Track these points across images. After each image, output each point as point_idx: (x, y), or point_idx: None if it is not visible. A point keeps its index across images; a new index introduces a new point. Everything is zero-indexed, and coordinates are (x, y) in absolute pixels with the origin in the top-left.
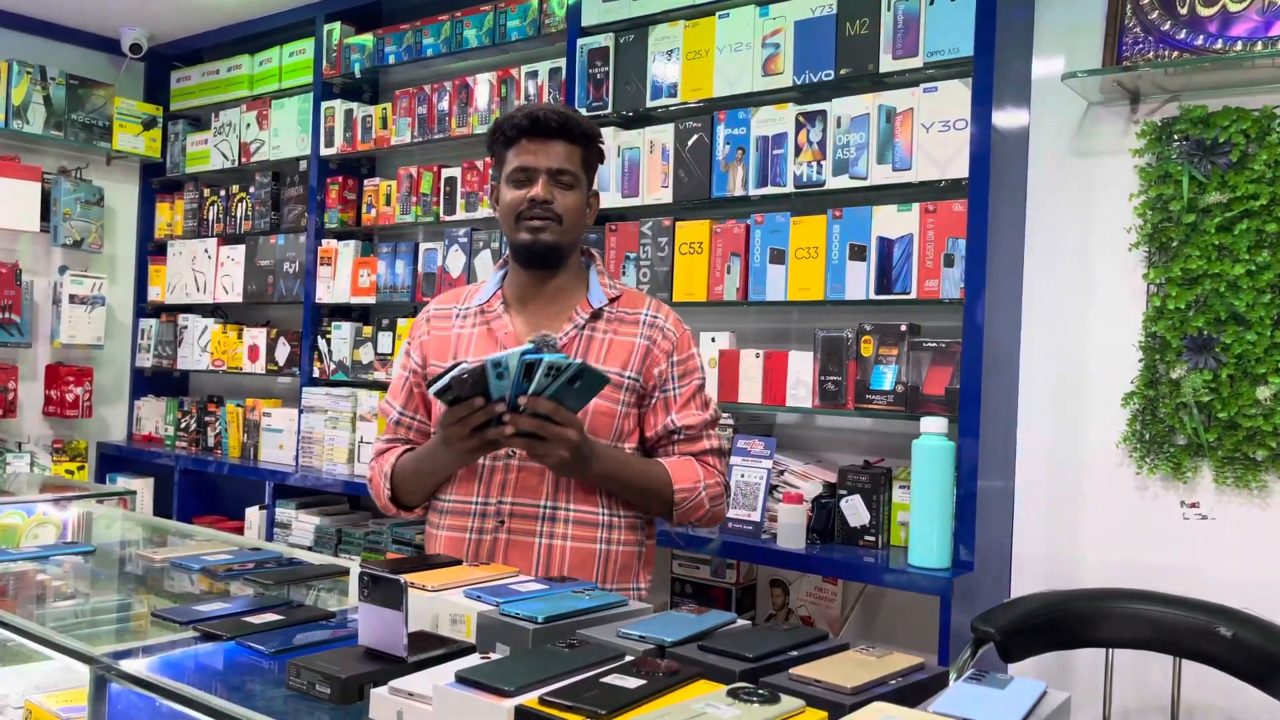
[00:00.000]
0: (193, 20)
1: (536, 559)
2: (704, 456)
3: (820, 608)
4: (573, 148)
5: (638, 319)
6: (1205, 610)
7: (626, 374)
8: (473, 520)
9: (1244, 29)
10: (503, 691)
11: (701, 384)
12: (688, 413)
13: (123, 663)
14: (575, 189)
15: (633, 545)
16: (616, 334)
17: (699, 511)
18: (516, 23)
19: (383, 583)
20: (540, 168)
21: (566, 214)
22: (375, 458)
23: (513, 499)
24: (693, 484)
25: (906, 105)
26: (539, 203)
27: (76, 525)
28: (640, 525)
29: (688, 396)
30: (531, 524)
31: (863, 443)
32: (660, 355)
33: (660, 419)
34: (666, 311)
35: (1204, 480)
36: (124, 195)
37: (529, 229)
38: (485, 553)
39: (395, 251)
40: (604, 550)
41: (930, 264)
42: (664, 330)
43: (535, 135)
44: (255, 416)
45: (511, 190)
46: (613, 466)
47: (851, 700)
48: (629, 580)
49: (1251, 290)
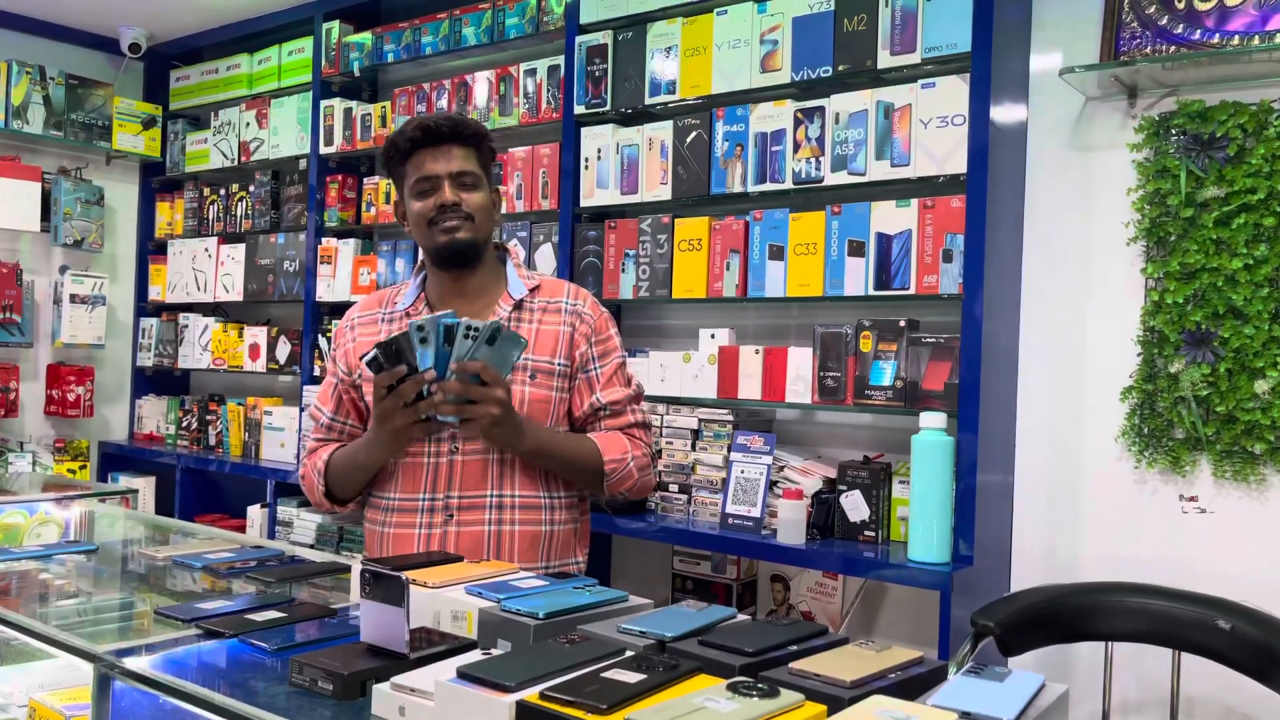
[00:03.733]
0: (192, 19)
1: (486, 545)
2: (630, 430)
3: (821, 603)
4: (467, 150)
5: (560, 307)
6: (1204, 603)
7: (556, 361)
8: (421, 516)
9: (1241, 23)
10: (504, 687)
11: (622, 362)
12: (611, 389)
13: (126, 660)
14: (479, 188)
15: (570, 523)
16: (542, 323)
17: (628, 481)
18: (515, 20)
19: (384, 580)
20: (441, 173)
21: (477, 212)
22: (308, 455)
23: (460, 492)
24: (621, 454)
25: (905, 101)
26: (449, 206)
27: (79, 524)
28: (575, 503)
29: (609, 374)
30: (479, 513)
31: (862, 438)
32: (580, 339)
33: (585, 398)
34: (584, 296)
35: (1202, 474)
36: (124, 195)
37: (444, 230)
38: (437, 544)
39: (395, 249)
40: (548, 531)
41: (929, 259)
42: (582, 315)
43: (429, 144)
44: (256, 415)
45: (418, 201)
46: (546, 441)
47: (851, 694)
48: (569, 555)
49: (1249, 284)
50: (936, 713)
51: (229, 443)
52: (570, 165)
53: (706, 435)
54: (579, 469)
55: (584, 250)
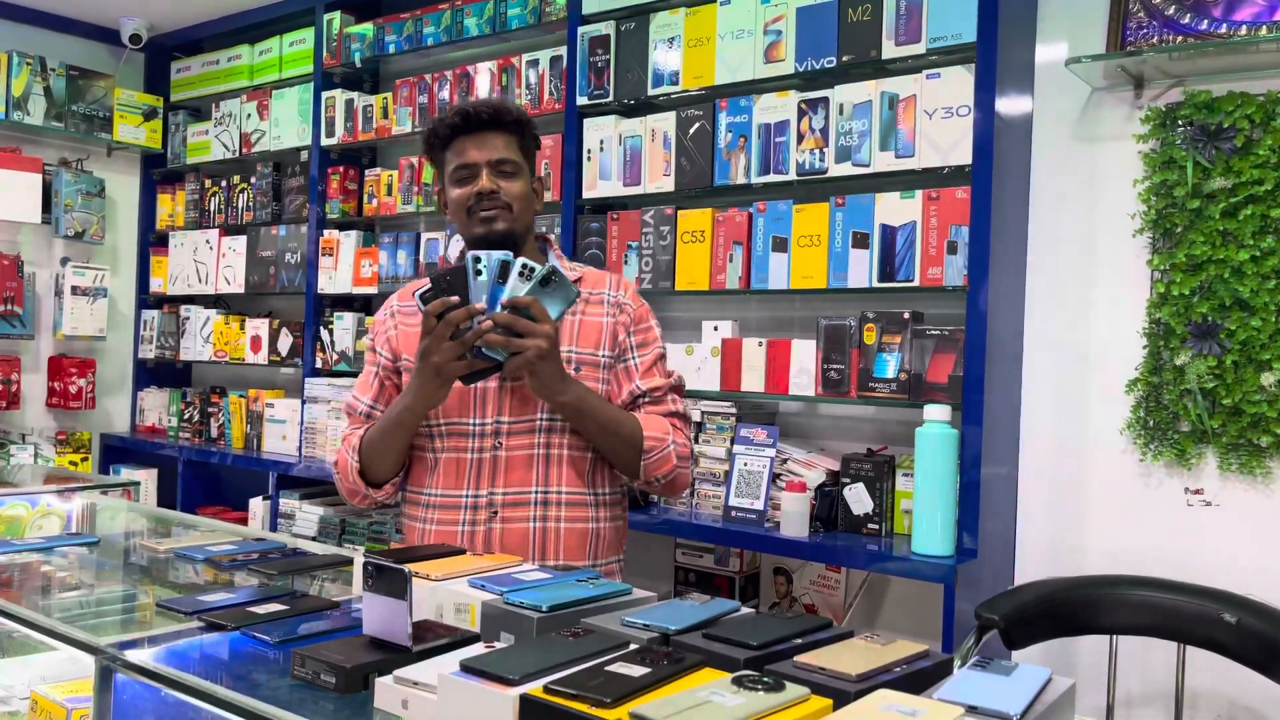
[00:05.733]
0: (192, 10)
1: (531, 543)
2: (670, 418)
3: (824, 596)
4: (509, 137)
5: (602, 299)
6: (1209, 596)
7: (600, 353)
8: (464, 513)
9: (1248, 13)
10: (508, 680)
11: (662, 354)
12: (650, 378)
13: (128, 653)
14: (518, 176)
15: (613, 520)
16: (586, 315)
17: (666, 465)
18: (517, 11)
19: (387, 572)
20: (480, 161)
21: (515, 201)
22: (342, 442)
23: (504, 489)
24: (662, 434)
25: (909, 92)
26: (486, 194)
27: (80, 517)
28: (618, 500)
29: (649, 364)
30: (524, 510)
31: (866, 431)
32: (620, 329)
33: (625, 385)
34: (626, 285)
35: (1208, 467)
36: (125, 186)
37: (481, 220)
38: (480, 542)
39: (397, 241)
40: (595, 529)
41: (933, 251)
42: (623, 305)
43: (470, 131)
44: (258, 407)
45: (457, 188)
46: (587, 398)
47: (856, 688)
48: (613, 554)
49: (1256, 276)
50: (943, 707)
51: (231, 435)
52: (573, 156)
53: (709, 428)
54: (618, 438)
55: (586, 242)
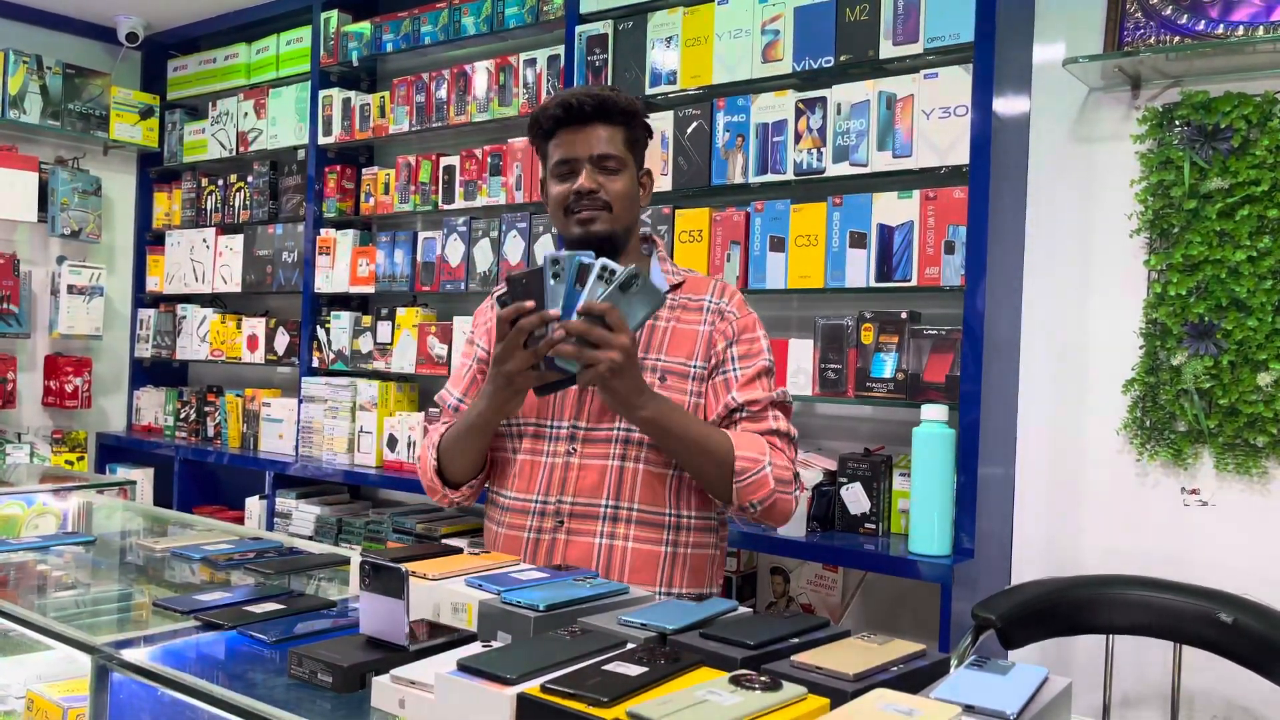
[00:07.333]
0: (189, 8)
1: (596, 560)
2: (769, 436)
3: (821, 595)
4: (613, 130)
5: (702, 305)
6: (1206, 596)
7: (692, 364)
8: (531, 519)
9: (1245, 14)
10: (505, 679)
11: (768, 368)
12: (750, 390)
13: (124, 652)
14: (622, 173)
15: (705, 548)
16: (680, 322)
17: (762, 490)
18: (515, 10)
19: (384, 572)
20: (581, 156)
21: (616, 200)
22: (424, 437)
23: (573, 498)
24: (757, 454)
25: (907, 92)
26: (585, 194)
27: (76, 516)
28: (714, 527)
29: (750, 377)
30: (592, 524)
31: (863, 430)
32: (719, 337)
33: (721, 397)
34: (731, 293)
35: (1205, 467)
36: (121, 185)
37: (579, 221)
38: (544, 552)
39: (394, 241)
40: (669, 553)
41: (931, 251)
42: (724, 313)
43: (572, 123)
44: (255, 406)
45: (557, 184)
46: (668, 413)
47: (853, 687)
48: (700, 585)
49: (1253, 276)
50: (940, 706)
51: (227, 434)
52: None
53: None
54: (705, 459)
55: None
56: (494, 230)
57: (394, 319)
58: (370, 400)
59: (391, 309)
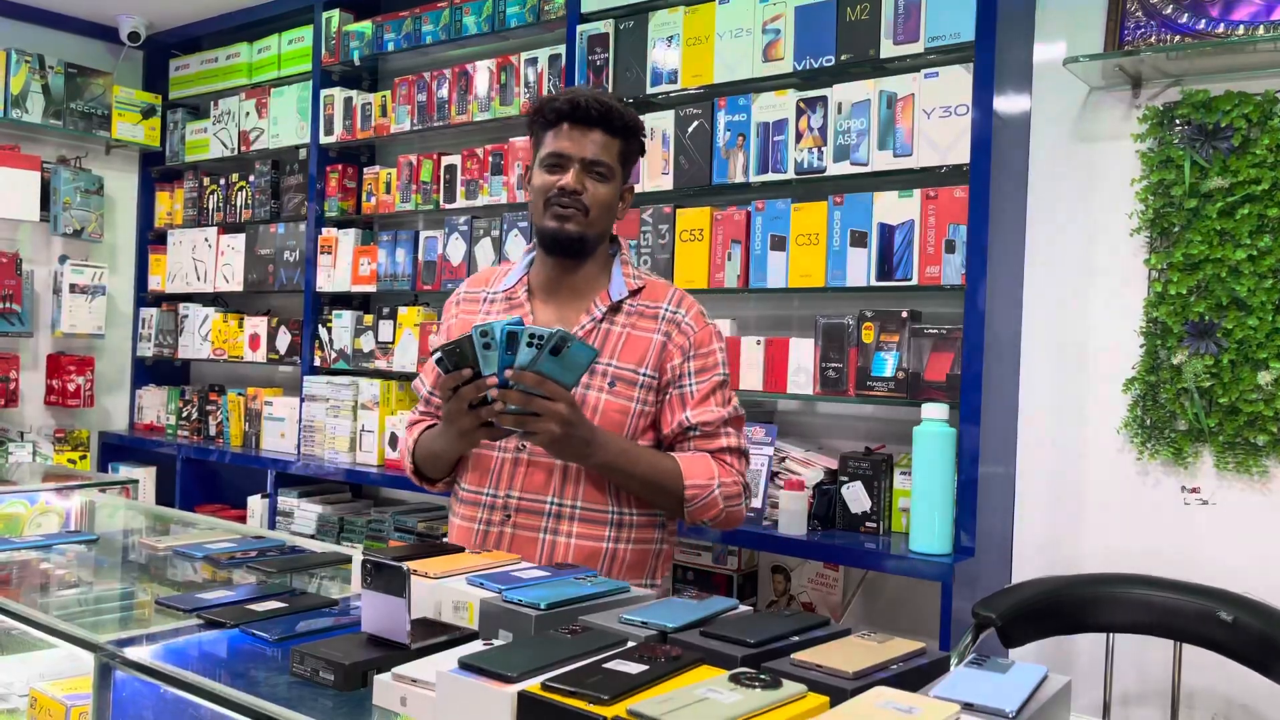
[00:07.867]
0: (191, 8)
1: (540, 555)
2: (720, 454)
3: (822, 594)
4: (611, 139)
5: (658, 313)
6: (1206, 595)
7: (642, 370)
8: (481, 511)
9: (1246, 13)
10: (506, 677)
11: (723, 381)
12: (704, 408)
13: (127, 650)
14: (608, 181)
15: (648, 544)
16: (635, 328)
17: (712, 510)
18: (516, 9)
19: (385, 570)
20: (574, 156)
21: (595, 206)
22: (407, 428)
23: (520, 493)
24: (706, 480)
25: (908, 91)
26: (568, 192)
27: (79, 514)
28: (658, 524)
29: (705, 393)
30: (537, 519)
31: (864, 429)
32: (675, 350)
33: (676, 415)
34: (690, 304)
35: (1205, 465)
36: (123, 184)
37: (555, 216)
38: (491, 545)
39: (395, 240)
40: (610, 549)
41: (931, 250)
42: (681, 325)
43: (575, 122)
44: (257, 405)
45: (543, 175)
46: (618, 456)
47: (853, 685)
48: (639, 578)
49: (1253, 275)
50: (939, 704)
51: (229, 433)
52: None
53: None
54: (657, 490)
55: None
56: (495, 229)
57: (395, 318)
58: (372, 399)
59: (393, 308)
